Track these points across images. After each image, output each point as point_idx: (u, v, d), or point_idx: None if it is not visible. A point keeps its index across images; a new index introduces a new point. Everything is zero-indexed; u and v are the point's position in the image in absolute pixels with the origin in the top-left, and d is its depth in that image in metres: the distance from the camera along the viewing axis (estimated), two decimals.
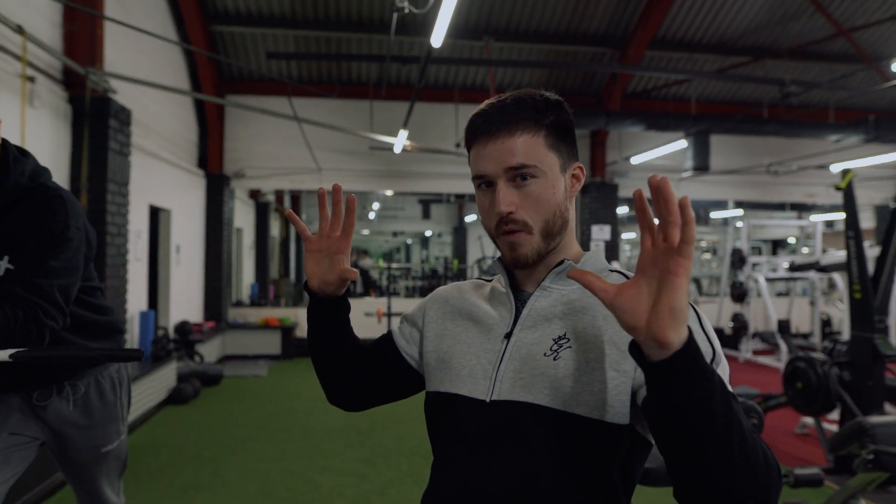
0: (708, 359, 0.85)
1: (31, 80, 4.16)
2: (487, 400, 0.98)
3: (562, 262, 1.02)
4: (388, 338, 1.20)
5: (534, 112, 0.98)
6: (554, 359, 0.95)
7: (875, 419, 2.46)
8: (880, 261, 4.35)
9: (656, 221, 0.71)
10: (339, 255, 1.10)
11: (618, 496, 0.93)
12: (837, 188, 4.24)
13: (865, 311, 4.25)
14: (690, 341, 0.69)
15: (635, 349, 0.74)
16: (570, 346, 0.95)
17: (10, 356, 1.37)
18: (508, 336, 1.01)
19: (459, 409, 1.01)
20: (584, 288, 0.75)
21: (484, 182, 1.00)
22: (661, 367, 0.70)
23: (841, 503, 2.76)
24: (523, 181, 0.97)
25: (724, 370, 0.88)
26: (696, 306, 0.94)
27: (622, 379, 0.91)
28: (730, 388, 0.79)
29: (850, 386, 4.39)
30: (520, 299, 1.05)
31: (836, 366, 4.51)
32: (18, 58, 4.07)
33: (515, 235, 0.98)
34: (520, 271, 1.06)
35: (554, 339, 0.97)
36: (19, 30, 3.93)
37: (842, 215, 4.33)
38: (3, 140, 1.63)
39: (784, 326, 5.84)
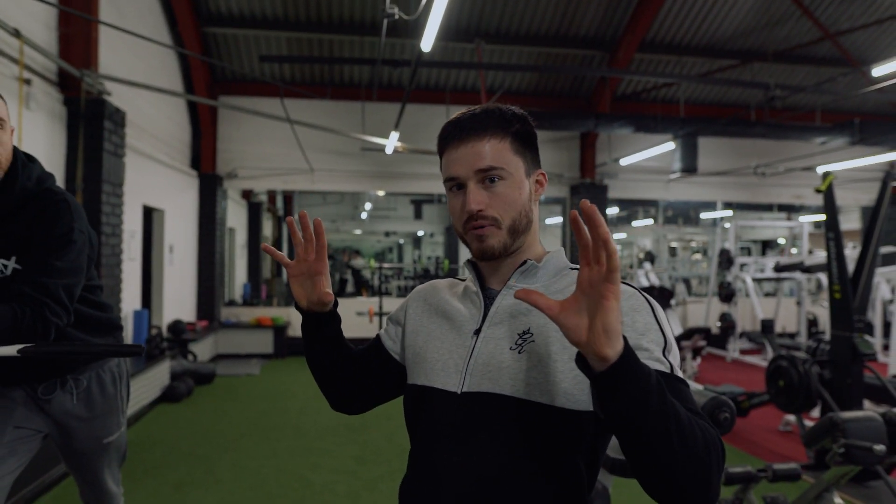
0: (659, 348, 0.97)
1: (28, 82, 4.22)
2: (458, 392, 1.05)
3: (525, 262, 1.09)
4: (377, 341, 1.27)
5: (501, 121, 1.06)
6: (519, 352, 1.03)
7: (846, 414, 2.55)
8: (860, 261, 4.46)
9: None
10: (318, 276, 1.16)
11: (581, 481, 1.01)
12: (818, 191, 4.34)
13: (845, 310, 4.35)
14: (625, 352, 0.77)
15: (581, 360, 0.81)
16: (533, 341, 1.03)
17: (18, 351, 1.44)
18: (477, 332, 1.08)
19: (435, 402, 1.08)
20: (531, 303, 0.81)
21: (455, 184, 1.07)
22: (600, 377, 0.78)
23: (815, 496, 2.86)
24: (492, 183, 1.04)
25: (675, 356, 0.98)
26: (650, 298, 1.03)
27: None
28: (679, 374, 0.91)
29: (830, 384, 4.50)
30: (488, 297, 1.12)
31: (816, 364, 4.62)
32: (15, 61, 4.12)
33: (484, 229, 1.05)
34: (489, 271, 1.13)
35: (519, 334, 1.04)
36: (16, 33, 3.99)
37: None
38: (13, 147, 1.71)
39: (768, 326, 5.95)
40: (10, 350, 1.44)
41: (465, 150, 1.05)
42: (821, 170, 9.69)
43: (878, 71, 5.67)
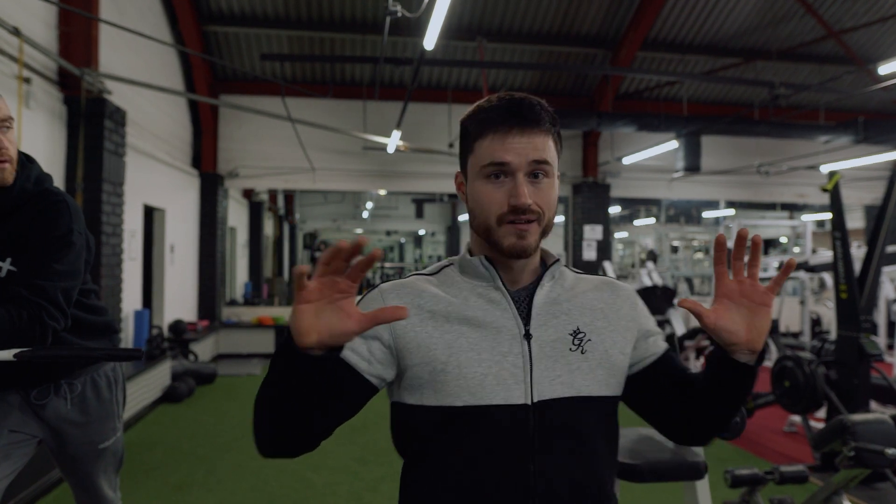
0: (663, 335, 1.18)
1: (27, 81, 4.19)
2: (530, 403, 0.99)
3: (555, 261, 1.11)
4: (340, 364, 0.99)
5: (551, 117, 1.03)
6: (581, 352, 1.05)
7: (856, 417, 2.52)
8: (866, 261, 4.42)
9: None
10: (347, 300, 0.85)
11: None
12: (824, 190, 4.30)
13: (851, 310, 4.32)
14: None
15: (720, 355, 1.01)
16: (590, 339, 1.06)
17: (14, 356, 1.41)
18: (528, 336, 1.03)
19: (495, 418, 0.99)
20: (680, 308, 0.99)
21: (499, 171, 1.00)
22: (752, 367, 1.00)
23: (824, 499, 2.83)
24: (536, 178, 1.00)
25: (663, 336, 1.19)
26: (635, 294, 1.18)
27: (626, 360, 1.10)
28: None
29: (836, 384, 4.47)
30: (515, 298, 1.07)
31: (822, 365, 4.58)
32: (15, 59, 4.09)
33: (530, 225, 1.00)
34: (502, 269, 1.06)
35: (570, 335, 1.05)
36: (16, 32, 3.96)
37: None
38: None
39: (772, 326, 5.91)
40: (7, 354, 1.41)
41: (521, 139, 0.99)
42: (825, 169, 9.64)
43: (884, 69, 5.63)
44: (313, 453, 1.03)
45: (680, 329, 8.69)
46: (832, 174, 4.23)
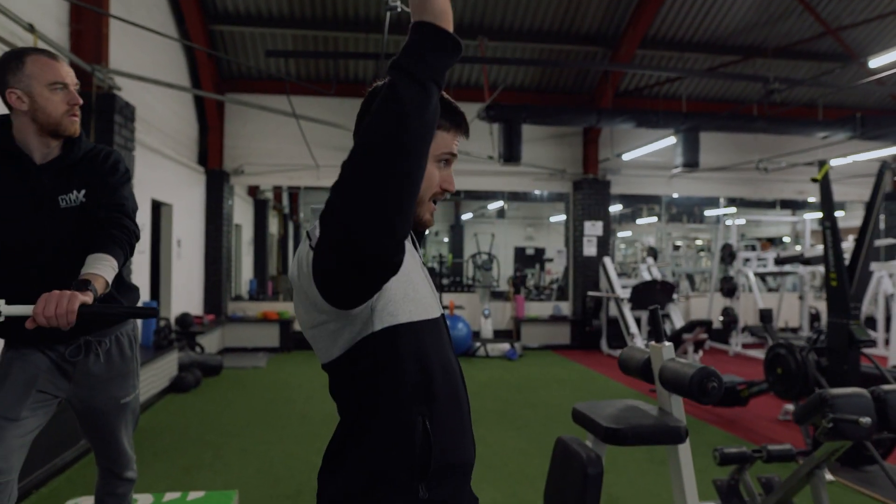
0: None
1: None
2: (439, 315, 1.25)
3: None
4: None
5: None
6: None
7: (835, 391, 2.63)
8: (856, 249, 4.53)
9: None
10: None
11: None
12: (814, 180, 4.41)
13: (841, 298, 4.42)
14: None
15: None
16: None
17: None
18: (425, 265, 1.35)
19: (438, 330, 1.23)
20: None
21: (447, 159, 1.24)
22: None
23: (807, 473, 2.94)
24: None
25: None
26: None
27: None
28: None
29: (827, 371, 4.57)
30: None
31: (814, 352, 4.69)
32: None
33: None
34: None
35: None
36: (31, 28, 4.10)
37: (836, 213, 4.50)
38: None
39: (766, 315, 6.01)
40: (29, 309, 1.56)
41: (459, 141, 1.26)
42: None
43: (874, 62, 5.73)
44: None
45: (678, 322, 8.80)
46: (822, 164, 4.34)
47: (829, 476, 2.94)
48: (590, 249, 10.09)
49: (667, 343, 2.40)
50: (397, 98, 0.92)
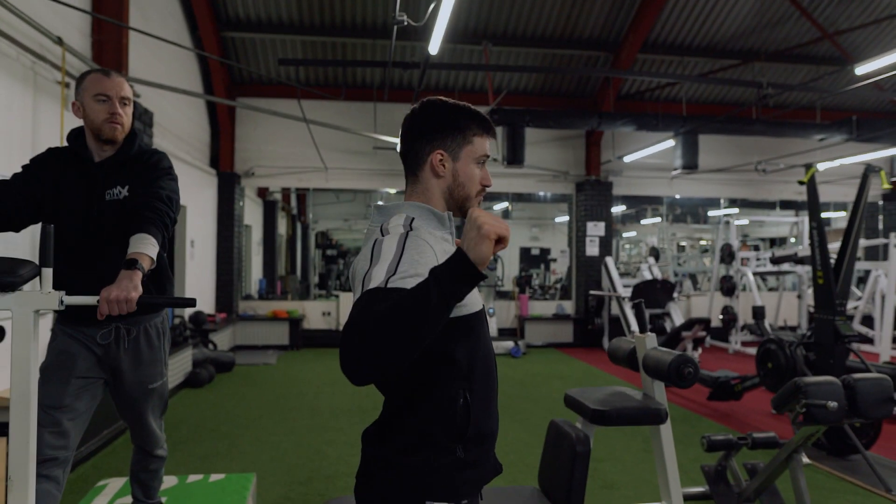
0: None
1: (67, 86, 4.58)
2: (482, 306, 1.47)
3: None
4: None
5: None
6: None
7: (808, 379, 2.84)
8: (842, 249, 4.73)
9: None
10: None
11: None
12: (801, 182, 4.62)
13: (828, 295, 4.63)
14: None
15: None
16: None
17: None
18: None
19: (484, 318, 1.47)
20: None
21: (484, 161, 1.46)
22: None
23: (786, 458, 3.15)
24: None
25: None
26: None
27: None
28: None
29: (814, 365, 4.77)
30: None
31: (802, 346, 4.89)
32: (57, 67, 4.49)
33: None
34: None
35: None
36: (59, 41, 4.35)
37: (835, 213, 4.70)
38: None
39: (759, 312, 6.20)
40: (91, 300, 1.78)
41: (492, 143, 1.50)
42: (821, 167, 9.91)
43: (861, 69, 5.92)
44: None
45: (678, 320, 8.99)
46: (808, 167, 4.54)
47: (805, 459, 3.13)
48: (592, 249, 10.30)
49: (650, 333, 2.62)
50: (427, 300, 1.05)
